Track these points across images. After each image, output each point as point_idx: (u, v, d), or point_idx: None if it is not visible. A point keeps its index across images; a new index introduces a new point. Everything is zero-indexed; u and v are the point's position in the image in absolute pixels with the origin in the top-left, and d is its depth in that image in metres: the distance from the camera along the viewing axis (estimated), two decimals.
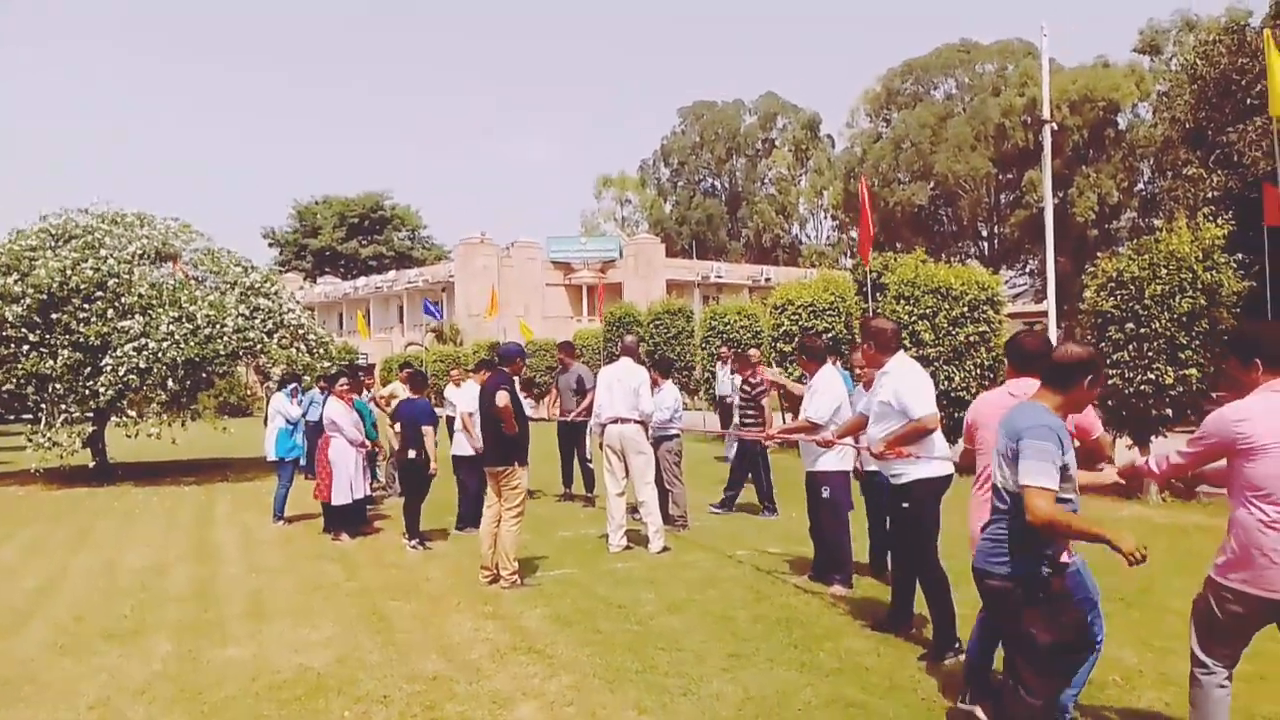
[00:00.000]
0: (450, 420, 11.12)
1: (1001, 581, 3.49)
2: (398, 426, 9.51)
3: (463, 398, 9.83)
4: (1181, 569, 6.98)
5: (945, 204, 56.61)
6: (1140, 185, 47.47)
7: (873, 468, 6.64)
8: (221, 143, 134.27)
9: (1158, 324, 9.52)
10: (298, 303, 16.87)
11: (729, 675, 5.14)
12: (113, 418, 14.76)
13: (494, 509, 7.45)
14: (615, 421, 8.48)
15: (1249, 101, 18.89)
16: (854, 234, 64.00)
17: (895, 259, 15.31)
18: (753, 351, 10.38)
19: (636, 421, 8.48)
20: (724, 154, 72.63)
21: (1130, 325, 9.72)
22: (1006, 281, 58.21)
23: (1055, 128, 13.15)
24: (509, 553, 7.29)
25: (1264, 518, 3.38)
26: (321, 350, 16.60)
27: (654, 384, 9.82)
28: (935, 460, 5.41)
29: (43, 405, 14.62)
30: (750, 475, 10.51)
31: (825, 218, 71.67)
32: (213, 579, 7.93)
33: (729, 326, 18.75)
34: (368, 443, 9.66)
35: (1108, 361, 9.95)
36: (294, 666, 5.47)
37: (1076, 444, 4.06)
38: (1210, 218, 9.86)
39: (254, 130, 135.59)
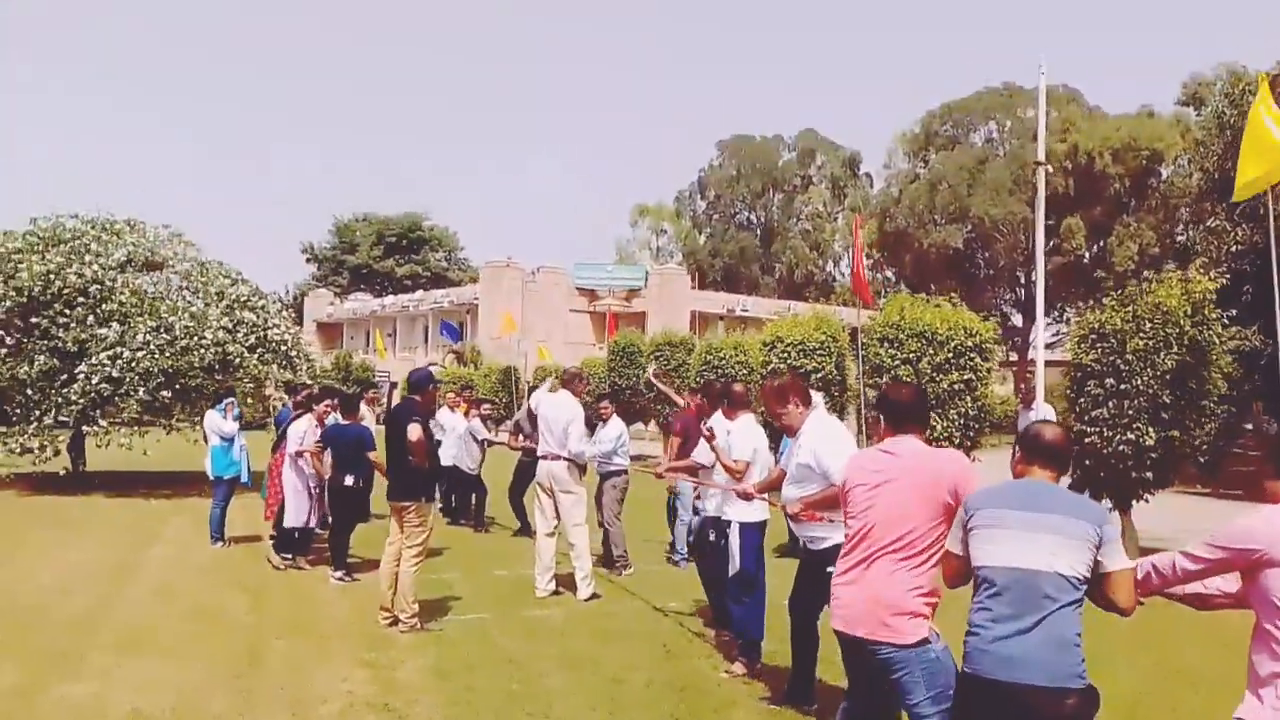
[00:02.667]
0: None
1: (1080, 698, 2.94)
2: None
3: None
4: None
5: (981, 248, 55.62)
6: (1182, 236, 46.27)
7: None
8: (263, 155, 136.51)
9: (1139, 380, 8.87)
10: (286, 318, 16.61)
11: None
12: (83, 426, 14.55)
13: (394, 546, 7.00)
14: (546, 458, 8.03)
15: None
16: (889, 273, 63.47)
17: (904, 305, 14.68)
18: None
19: (566, 459, 7.99)
20: (760, 189, 72.23)
21: (1111, 380, 9.08)
22: (1046, 327, 57.34)
23: (1050, 170, 12.54)
24: (408, 594, 6.83)
25: None
26: (305, 368, 16.34)
27: (604, 418, 9.41)
28: None
29: (17, 410, 14.48)
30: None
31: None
32: (108, 603, 7.55)
33: (724, 361, 18.21)
34: (319, 466, 9.20)
35: (1086, 419, 9.32)
36: (125, 711, 5.05)
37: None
38: (1203, 270, 9.23)
39: (298, 142, 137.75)
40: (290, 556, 9.26)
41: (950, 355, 11.46)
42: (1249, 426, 12.69)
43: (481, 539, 11.31)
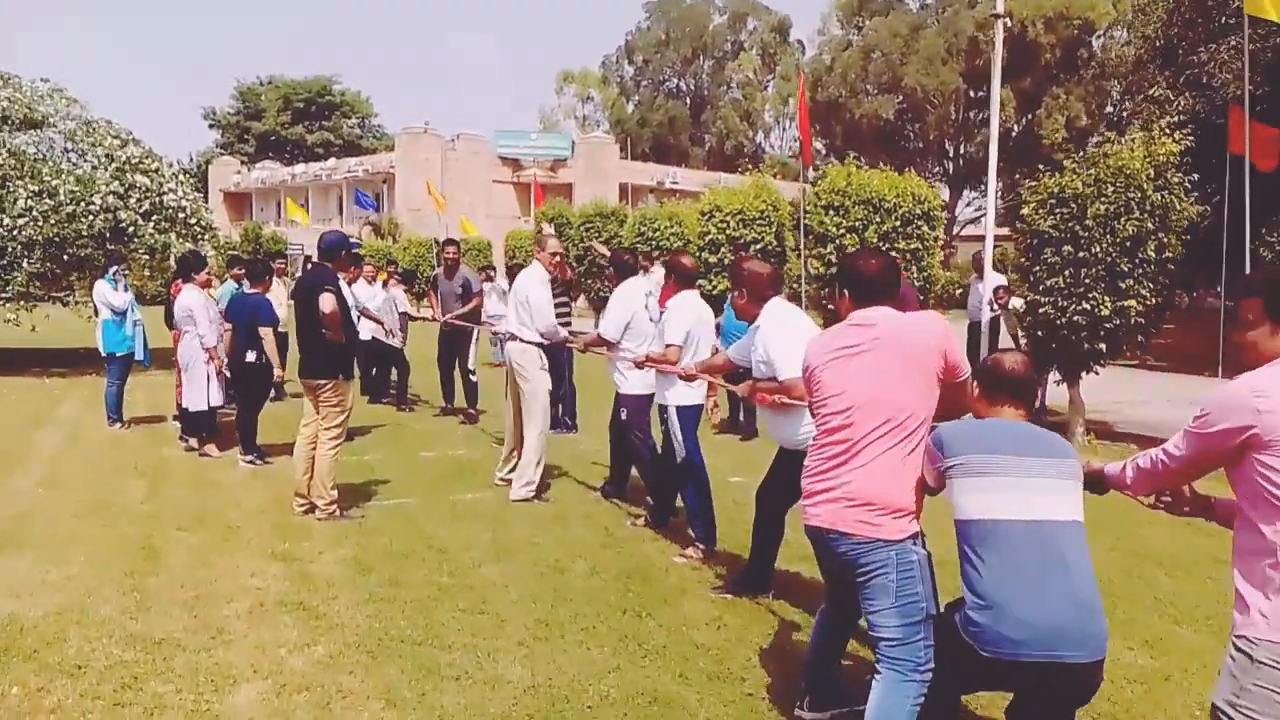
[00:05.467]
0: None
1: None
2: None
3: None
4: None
5: (912, 119, 54.99)
6: (1110, 108, 46.26)
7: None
8: (163, 13, 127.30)
9: (1098, 248, 8.49)
10: (183, 182, 15.29)
11: (524, 651, 4.17)
12: None
13: (310, 428, 6.35)
14: (509, 338, 7.09)
15: (1224, 20, 17.68)
16: (819, 145, 62.49)
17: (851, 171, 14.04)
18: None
19: (526, 342, 6.93)
20: (690, 54, 69.85)
21: (1068, 248, 8.68)
22: (969, 203, 57.51)
23: (1009, 23, 11.89)
24: (325, 480, 6.23)
25: None
26: (207, 238, 15.18)
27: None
28: None
29: None
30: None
31: (790, 126, 69.73)
32: None
33: (659, 233, 17.54)
34: (215, 351, 8.36)
35: (1040, 288, 8.96)
36: (2, 616, 4.42)
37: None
38: (1168, 132, 8.76)
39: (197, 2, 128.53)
40: (190, 439, 8.53)
41: (898, 223, 11.01)
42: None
43: (405, 418, 10.69)
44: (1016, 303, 9.98)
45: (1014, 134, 50.42)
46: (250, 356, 7.91)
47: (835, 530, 3.05)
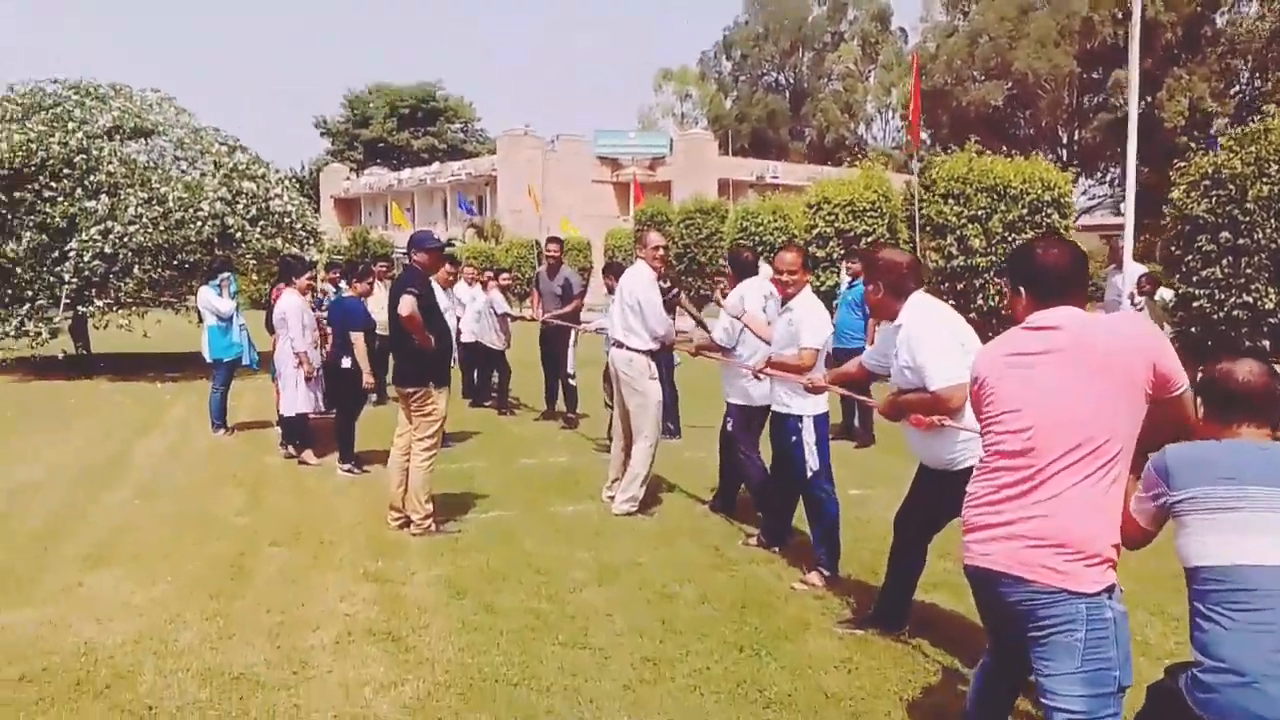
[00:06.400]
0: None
1: None
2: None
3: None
4: None
5: (1022, 105, 52.76)
6: (1237, 88, 43.41)
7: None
8: (273, 26, 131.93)
9: (1261, 233, 7.57)
10: (288, 188, 15.42)
11: (631, 697, 3.72)
12: (78, 307, 13.62)
13: (404, 439, 6.05)
14: (614, 345, 6.65)
15: None
16: (925, 135, 60.56)
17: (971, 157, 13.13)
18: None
19: (634, 350, 6.39)
20: (789, 47, 68.60)
21: (1226, 235, 7.78)
22: (1084, 191, 54.81)
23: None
24: (420, 493, 5.91)
25: None
26: (313, 242, 15.26)
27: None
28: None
29: (9, 291, 13.57)
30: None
31: (893, 117, 67.86)
32: (83, 504, 6.69)
33: (761, 228, 16.91)
34: (305, 357, 8.16)
35: (1194, 279, 8.08)
36: (76, 644, 4.18)
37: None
38: None
39: (308, 12, 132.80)
40: (289, 445, 8.38)
41: (1025, 211, 10.18)
42: None
43: (506, 423, 10.39)
44: (1165, 294, 9.08)
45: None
46: (346, 363, 7.69)
47: (1010, 575, 2.49)
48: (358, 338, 7.55)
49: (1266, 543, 2.13)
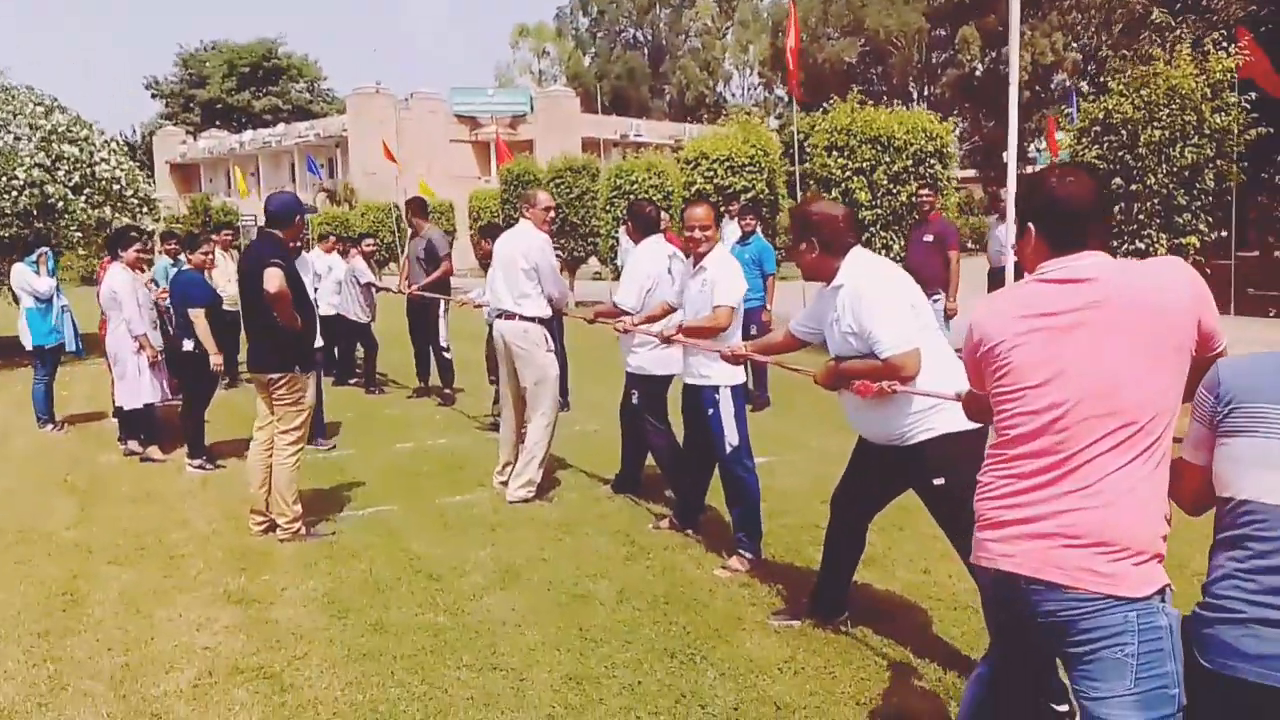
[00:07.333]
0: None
1: None
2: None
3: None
4: None
5: (875, 62, 53.90)
6: (1077, 42, 45.37)
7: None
8: None
9: (1154, 178, 7.55)
10: (115, 151, 13.92)
11: None
12: None
13: (264, 432, 5.29)
14: (501, 316, 5.96)
15: None
16: (780, 93, 61.07)
17: (823, 115, 12.89)
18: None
19: (529, 319, 5.79)
20: (647, 3, 67.98)
21: (1118, 180, 7.74)
22: None
23: None
24: (286, 493, 5.17)
25: None
26: (147, 210, 13.86)
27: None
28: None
29: None
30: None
31: (751, 75, 68.27)
32: None
33: (636, 186, 16.40)
34: (146, 340, 7.14)
35: None
36: None
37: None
38: (1223, 46, 7.79)
39: None
40: (130, 441, 7.42)
41: (909, 163, 9.99)
42: None
43: (375, 403, 9.60)
44: None
45: (978, 74, 49.53)
46: (188, 345, 6.78)
47: (1041, 580, 2.06)
48: (199, 314, 6.63)
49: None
